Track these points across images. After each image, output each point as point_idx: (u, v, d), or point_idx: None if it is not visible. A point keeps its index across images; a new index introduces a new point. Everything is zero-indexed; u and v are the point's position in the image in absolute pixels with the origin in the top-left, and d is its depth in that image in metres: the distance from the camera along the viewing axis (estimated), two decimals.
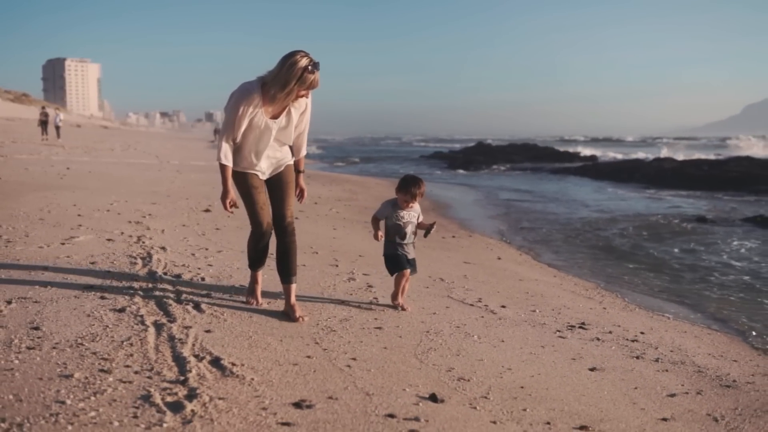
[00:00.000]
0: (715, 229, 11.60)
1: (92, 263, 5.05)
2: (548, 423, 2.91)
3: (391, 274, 4.59)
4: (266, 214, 4.11)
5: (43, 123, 30.41)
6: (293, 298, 4.17)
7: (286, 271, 4.18)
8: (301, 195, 4.34)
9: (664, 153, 38.80)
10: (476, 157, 35.82)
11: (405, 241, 4.51)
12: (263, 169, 4.09)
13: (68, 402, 2.53)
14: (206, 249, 6.06)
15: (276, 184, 4.16)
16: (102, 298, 4.08)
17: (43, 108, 34.21)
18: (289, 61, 3.71)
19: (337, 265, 5.99)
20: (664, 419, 3.15)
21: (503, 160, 34.59)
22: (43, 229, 6.43)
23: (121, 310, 3.82)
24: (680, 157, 31.73)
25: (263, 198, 4.11)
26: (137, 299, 4.11)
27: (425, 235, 4.62)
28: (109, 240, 6.08)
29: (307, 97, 3.98)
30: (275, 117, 3.95)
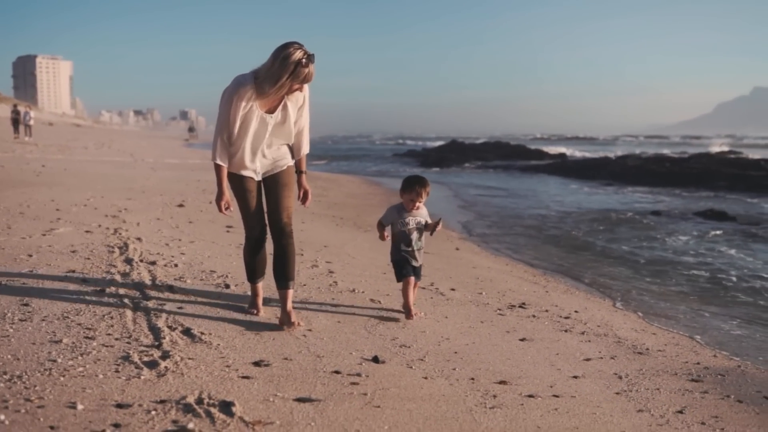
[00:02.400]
0: (666, 222, 12.27)
1: (73, 251, 5.46)
2: (472, 379, 3.40)
3: (398, 281, 4.51)
4: (260, 218, 3.99)
5: (15, 121, 30.40)
6: (290, 305, 3.96)
7: (283, 275, 3.97)
8: (305, 197, 4.16)
9: (630, 151, 39.77)
10: (448, 155, 36.43)
11: (411, 248, 4.41)
12: (258, 169, 3.93)
13: (59, 360, 2.98)
14: (179, 240, 6.48)
15: (273, 185, 4.00)
16: (83, 280, 4.51)
17: (15, 106, 34.08)
18: (282, 54, 3.57)
19: (302, 254, 6.44)
20: (575, 377, 3.66)
21: (474, 158, 35.25)
22: (23, 222, 6.80)
23: (101, 290, 4.26)
24: (647, 154, 32.70)
25: (256, 202, 3.97)
26: (116, 281, 4.55)
27: (431, 233, 4.50)
28: (87, 232, 6.48)
29: (302, 91, 3.83)
30: (270, 111, 3.80)
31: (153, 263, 5.25)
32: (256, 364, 3.21)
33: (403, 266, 4.42)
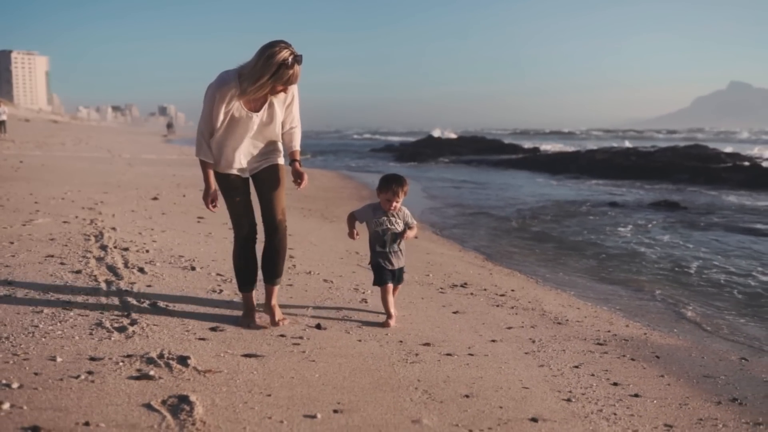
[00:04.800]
0: (620, 212, 12.93)
1: (51, 239, 5.93)
2: (401, 341, 3.95)
3: (374, 284, 4.42)
4: (248, 216, 3.92)
5: None
6: (274, 299, 4.03)
7: (272, 271, 4.01)
8: (300, 179, 3.87)
9: (603, 145, 40.61)
10: (424, 149, 36.97)
11: (385, 250, 4.30)
12: (245, 166, 3.86)
13: (41, 326, 3.49)
14: (152, 229, 6.96)
15: (265, 181, 3.91)
16: (61, 263, 5.00)
17: None
18: (266, 53, 3.48)
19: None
20: (493, 341, 4.22)
21: (449, 152, 35.81)
22: (3, 213, 7.25)
23: (78, 272, 4.76)
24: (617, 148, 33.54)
25: (245, 200, 3.90)
26: (91, 265, 5.04)
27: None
28: (65, 222, 6.95)
29: (286, 92, 3.74)
30: (255, 110, 3.73)
31: (126, 249, 5.73)
32: (213, 329, 3.74)
33: (382, 273, 4.30)
